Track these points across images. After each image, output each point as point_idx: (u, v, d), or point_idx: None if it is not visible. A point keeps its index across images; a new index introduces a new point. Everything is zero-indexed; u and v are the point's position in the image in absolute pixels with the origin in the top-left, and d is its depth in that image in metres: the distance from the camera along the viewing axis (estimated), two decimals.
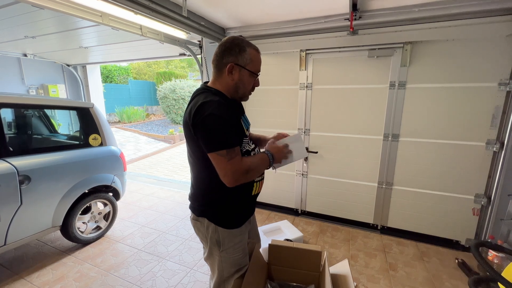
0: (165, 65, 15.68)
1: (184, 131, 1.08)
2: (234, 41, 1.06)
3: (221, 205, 1.12)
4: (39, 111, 2.79)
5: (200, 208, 1.16)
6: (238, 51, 1.05)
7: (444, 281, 2.08)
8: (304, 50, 2.82)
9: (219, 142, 0.96)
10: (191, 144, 1.07)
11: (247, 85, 1.11)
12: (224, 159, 0.96)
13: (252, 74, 1.10)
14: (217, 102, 0.99)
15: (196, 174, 1.15)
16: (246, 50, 1.06)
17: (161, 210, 3.36)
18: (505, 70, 2.16)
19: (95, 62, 5.38)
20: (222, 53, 1.06)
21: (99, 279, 2.08)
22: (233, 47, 1.05)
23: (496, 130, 2.26)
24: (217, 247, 1.13)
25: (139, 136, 9.11)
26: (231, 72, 1.06)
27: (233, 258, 1.16)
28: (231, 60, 1.05)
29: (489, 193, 2.36)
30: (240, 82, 1.08)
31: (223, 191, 1.09)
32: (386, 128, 2.63)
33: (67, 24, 2.93)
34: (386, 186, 2.73)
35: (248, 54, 1.06)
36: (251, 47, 1.08)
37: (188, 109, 1.04)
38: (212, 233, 1.12)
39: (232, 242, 1.14)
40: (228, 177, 0.98)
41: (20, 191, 1.94)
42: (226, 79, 1.07)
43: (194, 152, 1.08)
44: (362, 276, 2.14)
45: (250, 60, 1.07)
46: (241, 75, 1.07)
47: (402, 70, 2.47)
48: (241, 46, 1.05)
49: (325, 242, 2.65)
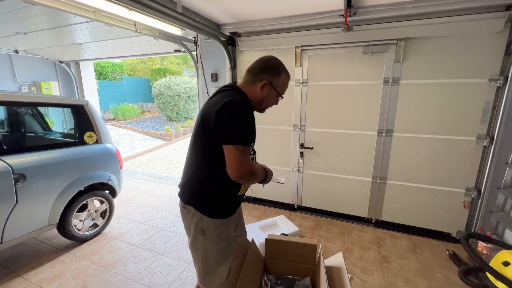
0: (160, 62, 15.52)
1: (199, 120, 1.16)
2: (275, 63, 1.23)
3: (210, 197, 1.18)
4: (32, 109, 2.76)
5: (189, 196, 1.22)
6: (275, 73, 1.21)
7: (435, 272, 2.15)
8: (300, 47, 2.83)
9: (241, 137, 1.05)
10: (203, 135, 1.13)
11: (271, 102, 1.28)
12: (240, 153, 1.04)
13: (278, 95, 1.25)
14: (246, 103, 1.16)
15: (196, 165, 1.20)
16: (281, 74, 1.22)
17: (158, 207, 3.37)
18: (495, 66, 2.20)
19: (88, 59, 5.30)
20: (261, 68, 1.21)
21: (97, 276, 2.09)
22: (272, 68, 1.21)
23: (486, 125, 2.31)
24: (202, 235, 1.19)
25: (134, 134, 9.04)
26: (262, 88, 1.19)
27: (217, 247, 1.21)
28: (267, 78, 1.19)
29: (479, 186, 2.42)
30: (266, 98, 1.23)
31: (216, 186, 1.17)
32: (380, 123, 2.67)
33: (60, 20, 2.88)
34: (380, 180, 2.78)
35: (281, 78, 1.23)
36: (285, 72, 1.25)
37: (212, 101, 1.13)
38: (198, 221, 1.18)
39: (216, 231, 1.19)
40: (237, 170, 1.05)
41: (16, 190, 1.93)
42: (256, 90, 1.20)
43: (203, 143, 1.14)
44: (357, 268, 2.19)
45: (281, 84, 1.24)
46: (270, 93, 1.22)
47: (396, 66, 2.50)
48: (279, 70, 1.22)
49: (321, 236, 2.70)
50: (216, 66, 3.33)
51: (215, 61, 3.32)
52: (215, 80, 3.36)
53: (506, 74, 2.15)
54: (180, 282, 2.03)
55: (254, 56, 3.12)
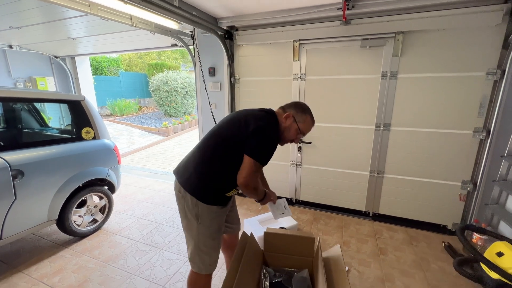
0: (157, 56, 15.33)
1: (231, 123, 1.32)
2: (304, 105, 1.42)
3: (206, 187, 1.29)
4: (29, 105, 2.74)
5: (187, 183, 1.30)
6: (301, 110, 1.38)
7: (430, 263, 2.19)
8: (297, 41, 2.81)
9: (262, 156, 1.22)
10: (230, 137, 1.27)
11: (291, 135, 1.39)
12: (253, 167, 1.20)
13: (298, 129, 1.37)
14: (277, 128, 1.33)
15: (205, 157, 1.30)
16: (306, 115, 1.39)
17: (157, 202, 3.38)
18: (493, 59, 2.21)
19: (84, 54, 5.24)
20: (291, 105, 1.41)
21: (98, 270, 2.11)
22: (300, 106, 1.40)
23: (483, 118, 2.33)
24: (196, 220, 1.30)
25: (132, 129, 9.00)
26: (286, 118, 1.36)
27: (209, 231, 1.33)
28: (292, 112, 1.37)
29: (475, 179, 2.45)
30: (287, 128, 1.37)
31: (215, 179, 1.28)
32: (378, 118, 2.68)
33: (54, 14, 2.83)
34: (378, 174, 2.81)
35: (305, 118, 1.38)
36: (311, 116, 1.41)
37: (255, 113, 1.32)
38: (193, 206, 1.28)
39: (210, 217, 1.31)
40: (245, 179, 1.21)
41: (14, 186, 1.93)
42: (282, 119, 1.37)
43: (224, 141, 1.27)
44: (354, 260, 2.23)
45: (304, 122, 1.38)
46: (291, 125, 1.37)
47: (394, 60, 2.49)
48: (305, 110, 1.40)
49: (319, 229, 2.73)
50: (213, 61, 3.31)
51: (213, 56, 3.29)
52: (212, 75, 3.34)
53: (503, 68, 2.16)
54: (180, 275, 2.05)
55: (252, 50, 3.11)
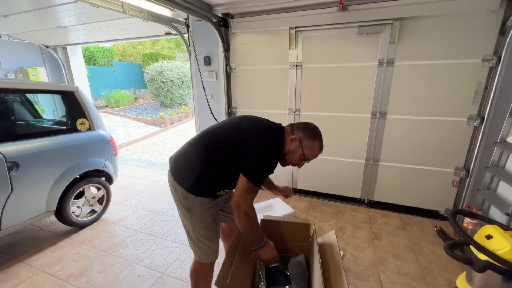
0: (151, 46, 14.99)
1: (232, 127, 1.25)
2: (315, 130, 1.28)
3: (196, 182, 1.23)
4: (21, 96, 2.69)
5: (179, 175, 1.27)
6: (309, 136, 1.25)
7: (423, 247, 2.26)
8: (294, 28, 2.76)
9: (255, 176, 1.13)
10: (225, 141, 1.21)
11: (293, 159, 1.27)
12: (246, 187, 1.13)
13: (302, 155, 1.25)
14: (278, 148, 1.21)
15: (199, 157, 1.24)
16: (315, 140, 1.26)
17: (155, 193, 3.40)
18: (489, 46, 2.20)
19: (76, 43, 5.10)
20: (300, 127, 1.27)
21: (98, 259, 2.15)
22: (309, 130, 1.26)
23: (478, 105, 2.34)
24: (187, 212, 1.27)
25: (128, 121, 8.92)
26: (292, 141, 1.23)
27: (203, 222, 1.29)
28: (299, 135, 1.24)
29: (468, 166, 2.50)
30: (291, 152, 1.25)
31: (206, 178, 1.23)
32: (374, 106, 2.68)
33: (42, 1, 2.74)
34: (373, 162, 2.84)
35: (312, 144, 1.25)
36: (320, 142, 1.28)
37: (255, 129, 1.21)
38: (183, 198, 1.25)
39: (201, 209, 1.26)
40: (236, 198, 1.15)
41: (10, 178, 1.93)
42: (288, 140, 1.24)
43: (218, 143, 1.21)
44: (349, 245, 2.29)
45: (310, 148, 1.26)
46: (296, 149, 1.24)
47: (391, 47, 2.47)
48: (315, 135, 1.26)
49: (315, 216, 2.79)
50: (208, 50, 3.25)
51: (208, 44, 3.23)
52: (208, 64, 3.29)
53: (499, 54, 2.16)
54: (179, 262, 2.10)
55: (248, 39, 3.05)
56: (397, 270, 1.99)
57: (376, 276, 1.93)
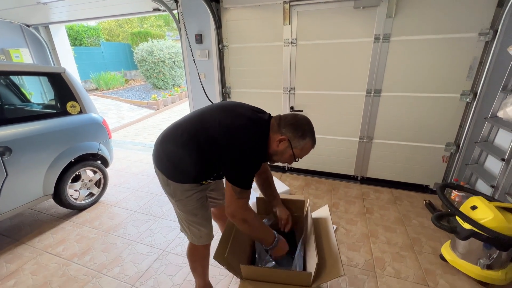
0: (139, 24, 14.28)
1: (209, 120, 1.11)
2: (304, 125, 1.10)
3: (174, 168, 1.20)
4: (5, 79, 2.59)
5: (159, 161, 1.25)
6: (299, 135, 1.08)
7: (411, 219, 2.37)
8: (288, 2, 2.65)
9: (240, 180, 1.04)
10: (202, 139, 1.09)
11: (283, 159, 1.14)
12: (235, 195, 1.05)
13: (293, 156, 1.12)
14: (260, 146, 1.07)
15: (176, 145, 1.17)
16: (306, 138, 1.09)
17: (152, 175, 3.43)
18: (486, 19, 2.15)
19: (58, 21, 4.82)
20: (289, 123, 1.09)
21: (100, 239, 2.21)
22: (299, 130, 1.08)
23: (471, 81, 2.35)
24: (172, 198, 1.27)
25: (120, 104, 8.72)
26: (280, 142, 1.08)
27: (188, 208, 1.27)
28: (288, 135, 1.08)
29: (459, 141, 2.55)
30: (280, 153, 1.11)
31: (183, 166, 1.17)
32: (369, 83, 2.66)
33: None
34: (367, 140, 2.88)
35: (304, 144, 1.10)
36: (311, 138, 1.11)
37: (228, 124, 1.06)
38: (165, 185, 1.25)
39: (184, 195, 1.23)
40: (229, 208, 1.08)
41: (3, 163, 1.91)
42: (274, 140, 1.09)
43: (196, 139, 1.10)
44: (342, 220, 2.39)
45: (301, 148, 1.11)
46: (285, 150, 1.10)
47: (387, 21, 2.40)
48: (305, 133, 1.09)
49: (310, 193, 2.87)
50: (200, 27, 3.12)
51: (199, 21, 3.09)
52: (199, 42, 3.17)
53: (496, 28, 2.12)
54: (179, 240, 2.17)
55: (240, 15, 2.93)
56: (387, 241, 2.11)
57: (367, 247, 2.04)
